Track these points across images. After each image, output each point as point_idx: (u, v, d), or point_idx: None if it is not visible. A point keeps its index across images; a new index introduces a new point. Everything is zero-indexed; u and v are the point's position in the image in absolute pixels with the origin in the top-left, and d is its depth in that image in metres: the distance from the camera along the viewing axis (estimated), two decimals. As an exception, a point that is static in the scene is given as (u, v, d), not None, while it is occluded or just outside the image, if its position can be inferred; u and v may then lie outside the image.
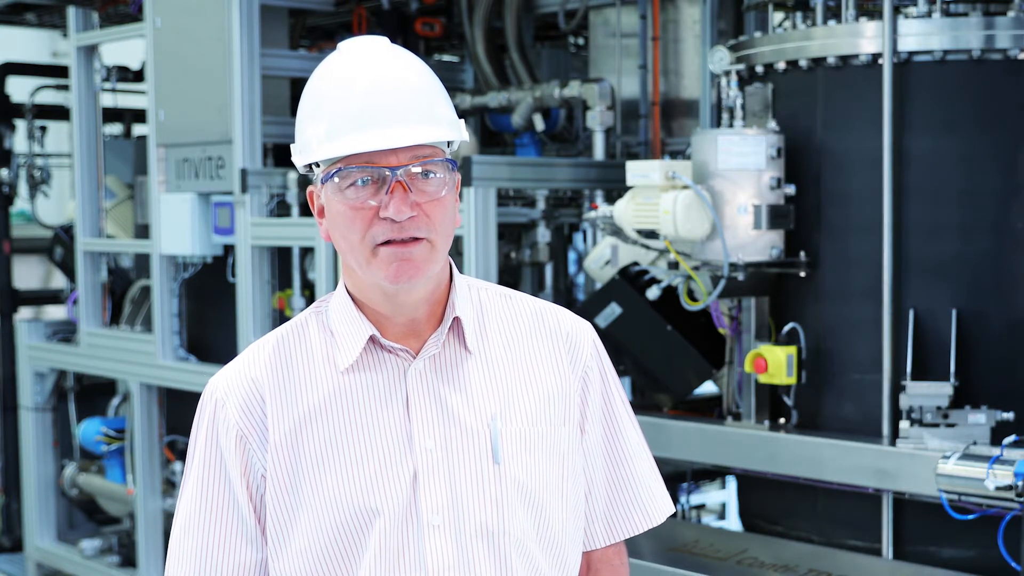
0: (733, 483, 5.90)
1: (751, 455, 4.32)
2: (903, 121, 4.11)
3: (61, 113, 8.14)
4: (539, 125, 5.90)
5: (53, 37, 11.34)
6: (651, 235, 4.44)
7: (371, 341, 2.02)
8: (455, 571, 1.98)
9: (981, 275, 4.11)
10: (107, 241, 6.84)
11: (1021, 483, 3.59)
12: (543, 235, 5.53)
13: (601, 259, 4.98)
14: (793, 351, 4.28)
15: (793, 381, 4.28)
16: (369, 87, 1.94)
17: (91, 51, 6.72)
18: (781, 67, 4.38)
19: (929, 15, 4.10)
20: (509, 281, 5.85)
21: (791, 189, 4.32)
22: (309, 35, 7.18)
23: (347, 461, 1.98)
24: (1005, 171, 4.09)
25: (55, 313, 9.88)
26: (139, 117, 8.40)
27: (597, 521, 2.18)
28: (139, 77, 7.05)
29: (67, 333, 7.23)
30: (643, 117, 5.59)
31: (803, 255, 4.32)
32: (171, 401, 6.37)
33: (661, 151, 5.53)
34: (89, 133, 6.73)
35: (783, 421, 4.39)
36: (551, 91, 5.72)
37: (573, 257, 7.15)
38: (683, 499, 5.16)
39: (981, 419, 3.89)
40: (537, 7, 6.30)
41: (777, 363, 4.23)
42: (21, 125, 8.15)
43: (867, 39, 4.15)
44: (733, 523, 6.28)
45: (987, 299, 4.10)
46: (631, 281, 4.75)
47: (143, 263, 6.71)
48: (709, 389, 5.32)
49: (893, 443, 4.01)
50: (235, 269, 5.81)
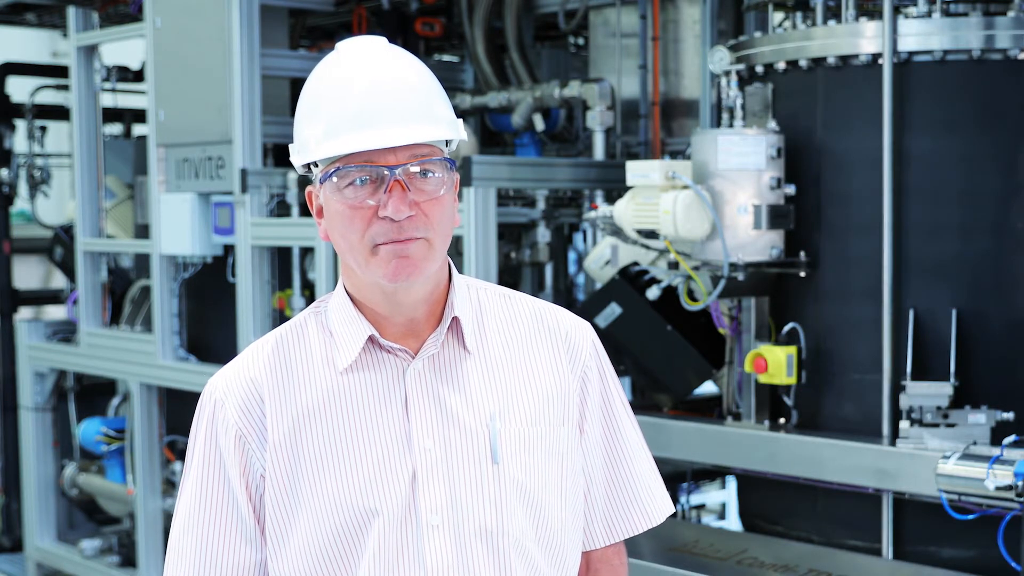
0: (733, 483, 5.90)
1: (751, 455, 4.32)
2: (903, 121, 4.11)
3: (61, 113, 8.14)
4: (539, 125, 5.90)
5: (53, 37, 11.34)
6: (651, 235, 4.44)
7: (370, 341, 2.02)
8: (454, 571, 1.97)
9: (981, 275, 4.10)
10: (107, 241, 6.84)
11: (1021, 483, 3.59)
12: (543, 235, 5.53)
13: (601, 259, 4.98)
14: (793, 351, 4.28)
15: (793, 381, 4.28)
16: (367, 87, 1.94)
17: (91, 51, 6.72)
18: (781, 67, 4.38)
19: (929, 15, 4.10)
20: (509, 281, 5.84)
21: (791, 189, 4.31)
22: (309, 35, 7.18)
23: (346, 461, 1.98)
24: (1005, 171, 4.09)
25: (55, 313, 9.87)
26: (139, 117, 8.40)
27: (596, 521, 2.18)
28: (139, 77, 7.05)
29: (67, 333, 7.23)
30: (643, 117, 5.58)
31: (803, 255, 4.32)
32: (171, 401, 6.36)
33: (661, 151, 5.53)
34: (89, 133, 6.73)
35: (783, 421, 4.39)
36: (551, 91, 5.72)
37: (573, 257, 7.15)
38: (683, 499, 5.16)
39: (981, 419, 3.89)
40: (537, 7, 6.30)
41: (777, 363, 4.23)
42: (21, 125, 8.14)
43: (867, 39, 4.15)
44: (733, 523, 6.28)
45: (987, 299, 4.10)
46: (631, 281, 4.75)
47: (143, 263, 6.71)
48: (709, 389, 5.32)
49: (893, 443, 4.01)
50: (235, 269, 5.80)
